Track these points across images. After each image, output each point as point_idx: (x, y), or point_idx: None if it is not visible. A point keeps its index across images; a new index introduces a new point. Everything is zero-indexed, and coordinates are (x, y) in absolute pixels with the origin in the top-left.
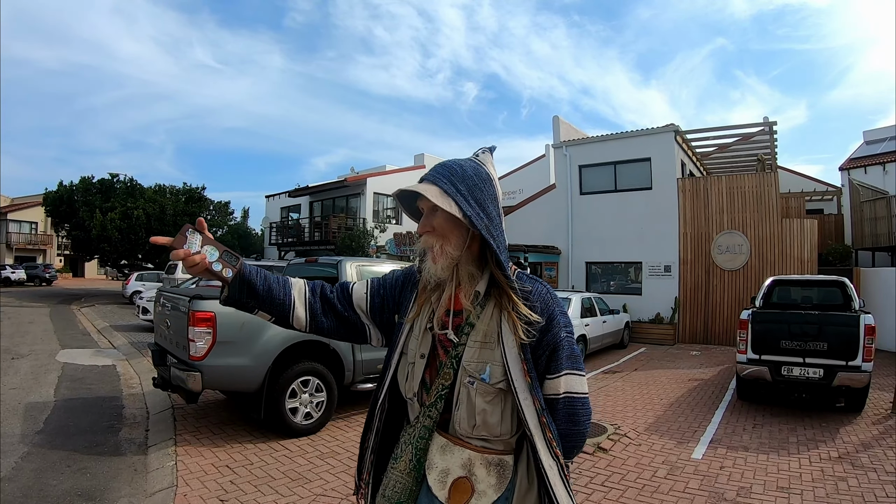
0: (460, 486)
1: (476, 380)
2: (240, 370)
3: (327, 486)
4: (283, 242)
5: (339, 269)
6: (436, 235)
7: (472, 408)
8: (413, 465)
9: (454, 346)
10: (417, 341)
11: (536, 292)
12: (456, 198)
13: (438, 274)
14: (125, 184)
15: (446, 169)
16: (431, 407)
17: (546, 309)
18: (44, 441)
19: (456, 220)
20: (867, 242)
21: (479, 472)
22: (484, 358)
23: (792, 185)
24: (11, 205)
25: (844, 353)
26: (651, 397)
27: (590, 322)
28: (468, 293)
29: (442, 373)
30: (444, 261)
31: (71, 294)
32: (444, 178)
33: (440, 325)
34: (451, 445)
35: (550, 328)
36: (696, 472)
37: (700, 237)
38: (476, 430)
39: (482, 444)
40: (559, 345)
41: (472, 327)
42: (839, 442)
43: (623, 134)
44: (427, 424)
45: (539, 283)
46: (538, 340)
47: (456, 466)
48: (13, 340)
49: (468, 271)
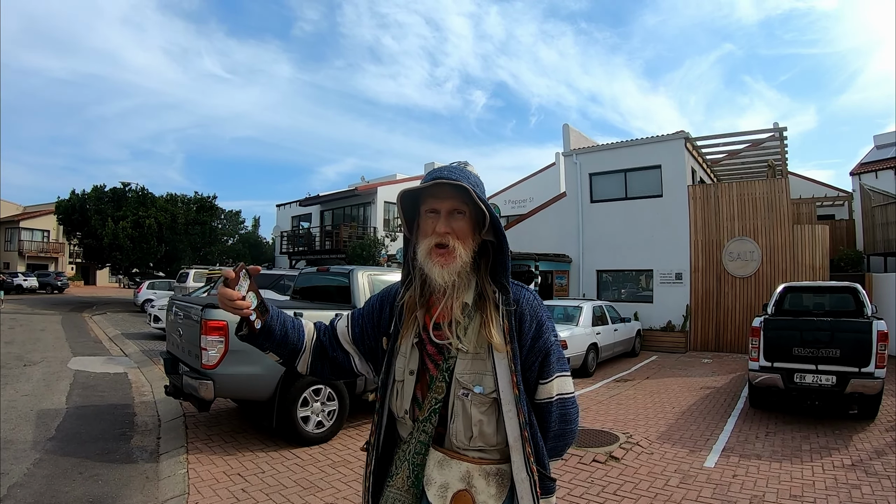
0: (461, 498)
1: (470, 391)
2: (252, 378)
3: (339, 495)
4: (294, 251)
5: (351, 278)
6: (454, 238)
7: (468, 419)
8: (411, 482)
9: (445, 359)
10: (406, 359)
11: (524, 300)
12: (486, 201)
13: (446, 279)
14: (136, 193)
15: (461, 172)
16: (426, 422)
17: (535, 315)
18: (55, 448)
19: (472, 226)
20: (879, 248)
21: (478, 484)
22: (476, 369)
23: (802, 191)
24: (24, 213)
25: (857, 360)
26: (663, 405)
27: (601, 330)
28: (458, 304)
29: (434, 387)
30: (458, 263)
31: (82, 302)
32: (466, 179)
33: (432, 338)
34: (447, 459)
35: (541, 334)
36: (708, 481)
37: (711, 244)
38: (473, 441)
39: (479, 456)
40: (550, 349)
41: (462, 338)
42: (852, 449)
43: (633, 141)
44: (422, 440)
45: (525, 289)
46: (530, 348)
47: (455, 480)
48: (25, 347)
49: (465, 279)
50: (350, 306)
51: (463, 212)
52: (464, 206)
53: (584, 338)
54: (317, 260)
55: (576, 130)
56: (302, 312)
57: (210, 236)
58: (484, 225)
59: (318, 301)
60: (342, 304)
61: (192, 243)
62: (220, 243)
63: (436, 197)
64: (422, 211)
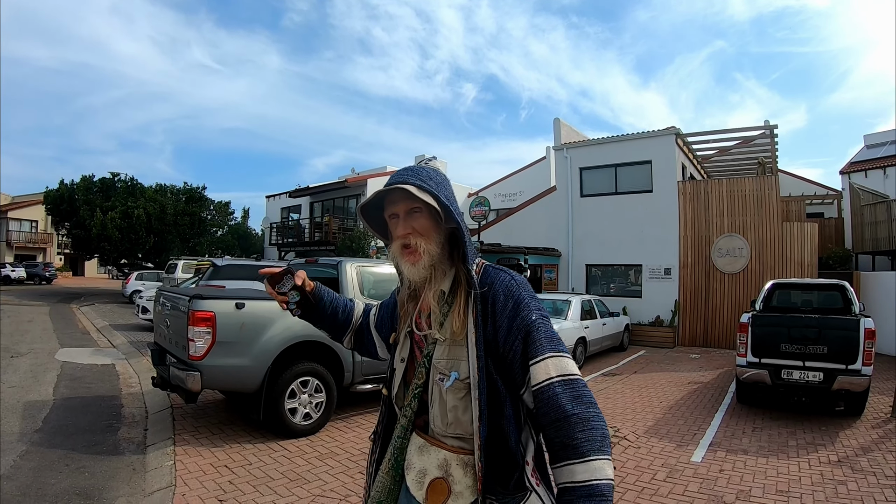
0: (437, 487)
1: (446, 377)
2: (239, 370)
3: (326, 487)
4: (284, 243)
5: (339, 270)
6: (417, 236)
7: (444, 405)
8: (391, 465)
9: (427, 345)
10: (400, 347)
11: (499, 281)
12: (433, 191)
13: (421, 274)
14: (126, 183)
15: (411, 171)
16: (407, 407)
17: (510, 294)
18: (42, 440)
19: (433, 219)
20: (867, 246)
21: (455, 473)
22: (453, 355)
23: (792, 189)
24: (12, 203)
25: (844, 357)
26: (650, 400)
27: (589, 324)
28: (434, 293)
29: (417, 372)
30: (426, 259)
31: (70, 293)
32: (414, 177)
33: (417, 327)
34: (427, 446)
35: (518, 311)
36: (695, 476)
37: (700, 240)
38: (450, 427)
39: (458, 445)
40: (532, 326)
41: (442, 325)
42: (839, 446)
43: (624, 136)
44: (403, 424)
45: (504, 272)
46: (508, 328)
47: (433, 467)
48: (12, 339)
49: (442, 270)
50: None
51: (419, 208)
52: (418, 202)
53: (573, 332)
54: (306, 252)
55: (567, 125)
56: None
57: (199, 227)
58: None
59: None
60: None
61: (181, 234)
62: (209, 234)
63: (391, 202)
64: (386, 217)
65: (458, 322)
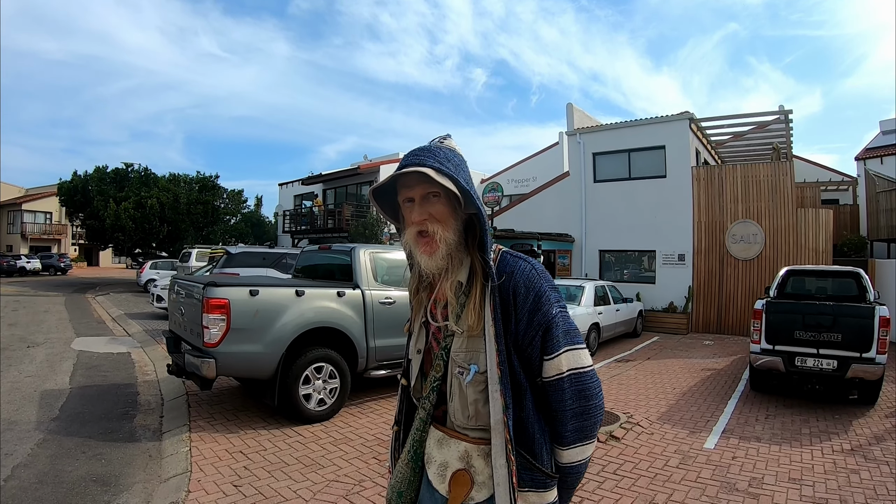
0: (459, 478)
1: (465, 370)
2: (253, 357)
3: (340, 473)
4: (297, 230)
5: (353, 257)
6: (434, 222)
7: (464, 398)
8: (410, 456)
9: (444, 336)
10: (416, 338)
11: (519, 270)
12: (453, 175)
13: (437, 265)
14: (139, 173)
15: (427, 152)
16: (426, 399)
17: (531, 286)
18: (59, 428)
19: (451, 205)
20: (883, 233)
21: (477, 464)
22: (472, 347)
23: (807, 175)
24: (26, 195)
25: (858, 345)
26: (664, 386)
27: (603, 310)
28: (452, 283)
29: (435, 364)
30: (443, 248)
31: (85, 283)
32: (431, 158)
33: (433, 317)
34: (447, 438)
35: (539, 306)
36: (708, 462)
37: (714, 226)
38: (471, 420)
39: (479, 436)
40: (552, 322)
41: (459, 317)
42: (852, 434)
43: (637, 122)
44: (422, 416)
45: (523, 260)
46: (528, 322)
47: (454, 459)
48: (29, 329)
49: (458, 258)
50: (352, 285)
51: (437, 193)
52: (436, 187)
53: (586, 318)
54: (319, 239)
55: (579, 110)
56: (304, 291)
57: (212, 216)
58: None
59: (320, 280)
60: (344, 282)
61: (194, 223)
62: (222, 223)
63: (406, 185)
64: (400, 201)
65: (474, 315)
